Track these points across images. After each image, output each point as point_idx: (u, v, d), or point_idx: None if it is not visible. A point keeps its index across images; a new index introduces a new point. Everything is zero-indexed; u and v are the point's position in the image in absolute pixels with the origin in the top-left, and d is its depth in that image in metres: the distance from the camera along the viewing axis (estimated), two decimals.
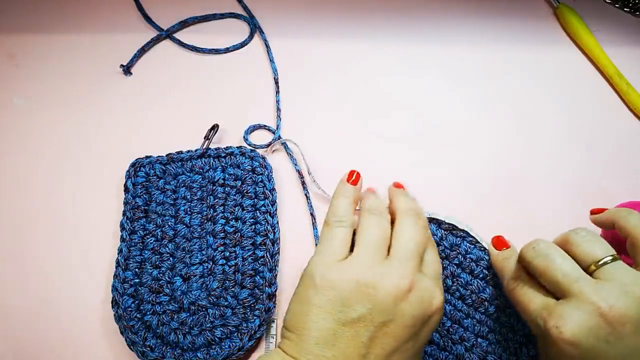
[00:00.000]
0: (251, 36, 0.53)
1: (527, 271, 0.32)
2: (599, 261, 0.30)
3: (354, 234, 0.33)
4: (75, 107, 0.49)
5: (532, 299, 0.31)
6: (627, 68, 0.50)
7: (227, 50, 0.53)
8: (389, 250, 0.32)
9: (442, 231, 0.38)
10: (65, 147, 0.47)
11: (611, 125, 0.48)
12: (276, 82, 0.50)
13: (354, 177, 0.36)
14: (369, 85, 0.51)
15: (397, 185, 0.36)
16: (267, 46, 0.52)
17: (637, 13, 0.54)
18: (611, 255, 0.30)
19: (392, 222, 0.33)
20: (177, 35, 0.54)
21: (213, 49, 0.53)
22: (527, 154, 0.47)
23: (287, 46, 0.53)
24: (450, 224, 0.38)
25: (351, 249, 0.32)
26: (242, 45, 0.53)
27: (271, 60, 0.51)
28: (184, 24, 0.54)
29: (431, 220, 0.38)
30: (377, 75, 0.51)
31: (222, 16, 0.55)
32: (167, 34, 0.53)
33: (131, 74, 0.51)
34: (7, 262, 0.42)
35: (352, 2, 0.56)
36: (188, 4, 0.55)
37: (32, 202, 0.45)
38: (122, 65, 0.51)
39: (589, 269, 0.30)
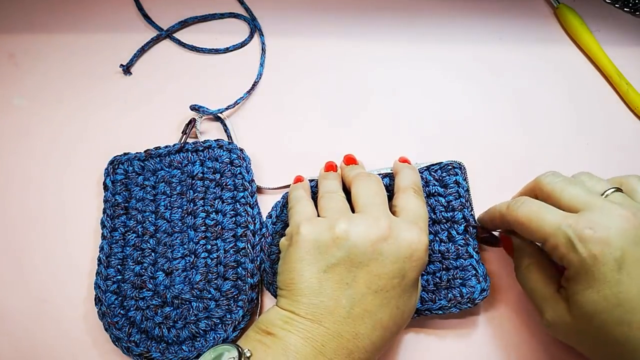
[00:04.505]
0: (251, 36, 0.53)
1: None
2: (605, 192, 0.33)
3: None
4: (75, 107, 0.50)
5: (548, 212, 0.32)
6: (627, 68, 0.50)
7: (227, 50, 0.53)
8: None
9: None
10: (65, 147, 0.48)
11: (611, 125, 0.48)
12: (254, 85, 0.50)
13: (301, 178, 0.41)
14: (370, 85, 0.51)
15: (348, 161, 0.40)
16: (263, 49, 0.52)
17: (637, 13, 0.54)
18: (614, 187, 0.33)
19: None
20: (177, 35, 0.54)
21: (213, 49, 0.53)
22: (526, 153, 0.47)
23: (287, 46, 0.53)
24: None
25: None
26: (242, 45, 0.53)
27: (261, 64, 0.51)
28: (184, 24, 0.54)
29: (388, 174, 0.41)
30: (378, 75, 0.51)
31: (222, 16, 0.55)
32: (167, 34, 0.53)
33: (131, 73, 0.51)
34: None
35: (352, 2, 0.56)
36: (188, 4, 0.55)
37: (31, 202, 0.45)
38: (122, 65, 0.51)
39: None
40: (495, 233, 0.41)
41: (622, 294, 0.29)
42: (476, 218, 0.40)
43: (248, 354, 0.30)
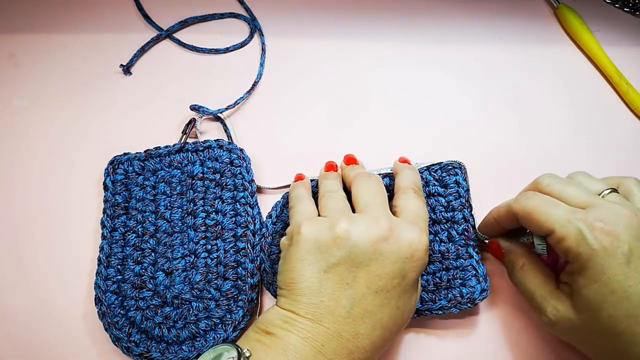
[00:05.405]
0: (251, 36, 0.54)
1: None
2: (602, 192, 0.33)
3: None
4: (75, 107, 0.50)
5: (556, 205, 0.32)
6: (627, 68, 0.50)
7: (227, 50, 0.53)
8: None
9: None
10: (65, 147, 0.48)
11: (611, 125, 0.48)
12: (254, 85, 0.50)
13: (302, 177, 0.41)
14: (370, 85, 0.51)
15: (348, 161, 0.40)
16: (263, 49, 0.52)
17: (637, 13, 0.54)
18: (610, 188, 0.33)
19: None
20: (177, 35, 0.54)
21: (213, 49, 0.53)
22: (526, 153, 0.47)
23: (287, 46, 0.53)
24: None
25: None
26: (242, 45, 0.53)
27: (261, 64, 0.51)
28: (184, 24, 0.54)
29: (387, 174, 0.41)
30: (378, 75, 0.51)
31: (222, 16, 0.55)
32: (167, 34, 0.53)
33: (131, 73, 0.51)
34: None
35: (352, 2, 0.56)
36: (188, 4, 0.55)
37: (31, 202, 0.45)
38: (122, 65, 0.51)
39: None
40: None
41: (630, 287, 0.29)
42: (477, 227, 0.40)
43: (247, 354, 0.30)
